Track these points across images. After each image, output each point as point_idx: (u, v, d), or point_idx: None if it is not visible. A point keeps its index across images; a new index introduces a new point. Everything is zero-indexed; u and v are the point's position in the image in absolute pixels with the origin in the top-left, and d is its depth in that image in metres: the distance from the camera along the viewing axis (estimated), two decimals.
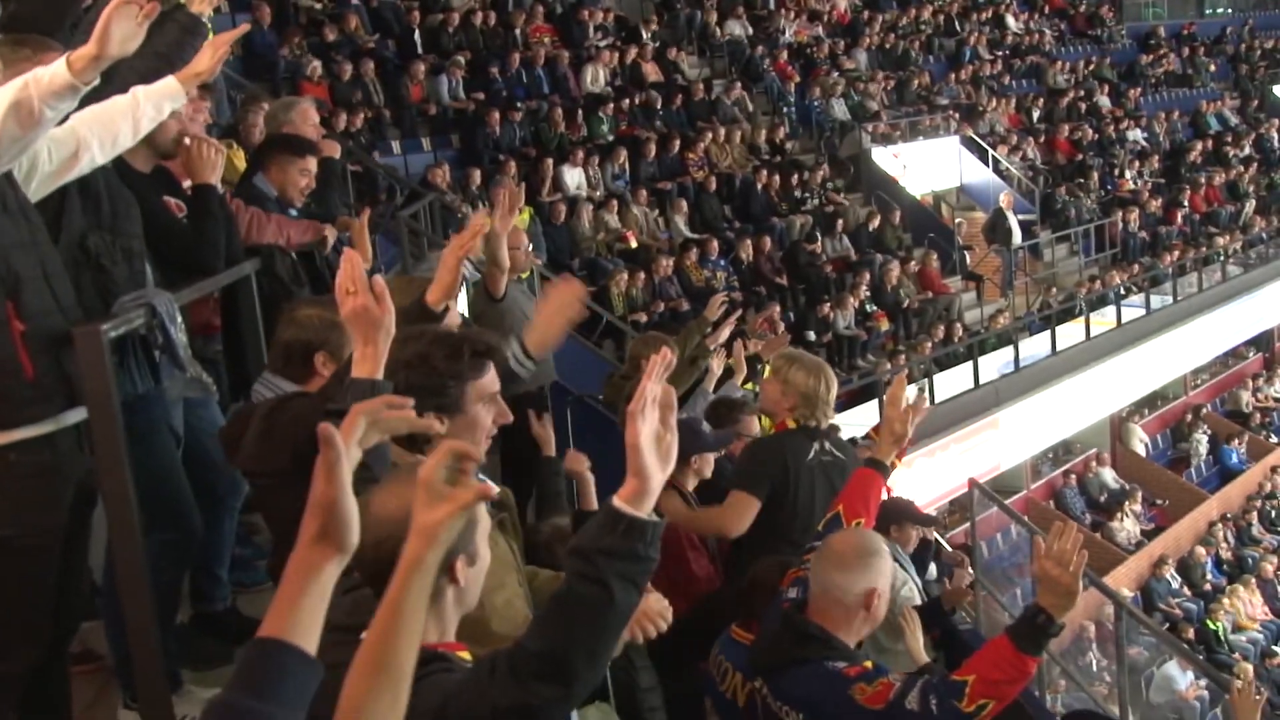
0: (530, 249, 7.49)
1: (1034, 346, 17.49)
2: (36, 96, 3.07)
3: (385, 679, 1.95)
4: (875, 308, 17.10)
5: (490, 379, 3.18)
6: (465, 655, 2.43)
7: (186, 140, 4.58)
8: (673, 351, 2.78)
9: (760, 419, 6.19)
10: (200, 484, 4.39)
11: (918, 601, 5.46)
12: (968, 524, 12.54)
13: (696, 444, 5.08)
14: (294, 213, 5.50)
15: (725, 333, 6.91)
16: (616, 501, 2.33)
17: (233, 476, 4.66)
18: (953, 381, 15.77)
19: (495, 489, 2.02)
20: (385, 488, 2.46)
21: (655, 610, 3.23)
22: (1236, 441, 21.94)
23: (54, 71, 3.10)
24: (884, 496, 4.73)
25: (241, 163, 6.03)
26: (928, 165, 21.35)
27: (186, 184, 4.76)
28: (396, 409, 2.34)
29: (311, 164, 5.61)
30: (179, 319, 3.96)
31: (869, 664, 3.71)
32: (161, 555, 3.86)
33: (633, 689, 4.02)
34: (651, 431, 2.36)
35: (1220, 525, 19.64)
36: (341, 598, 2.67)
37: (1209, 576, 18.42)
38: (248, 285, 4.89)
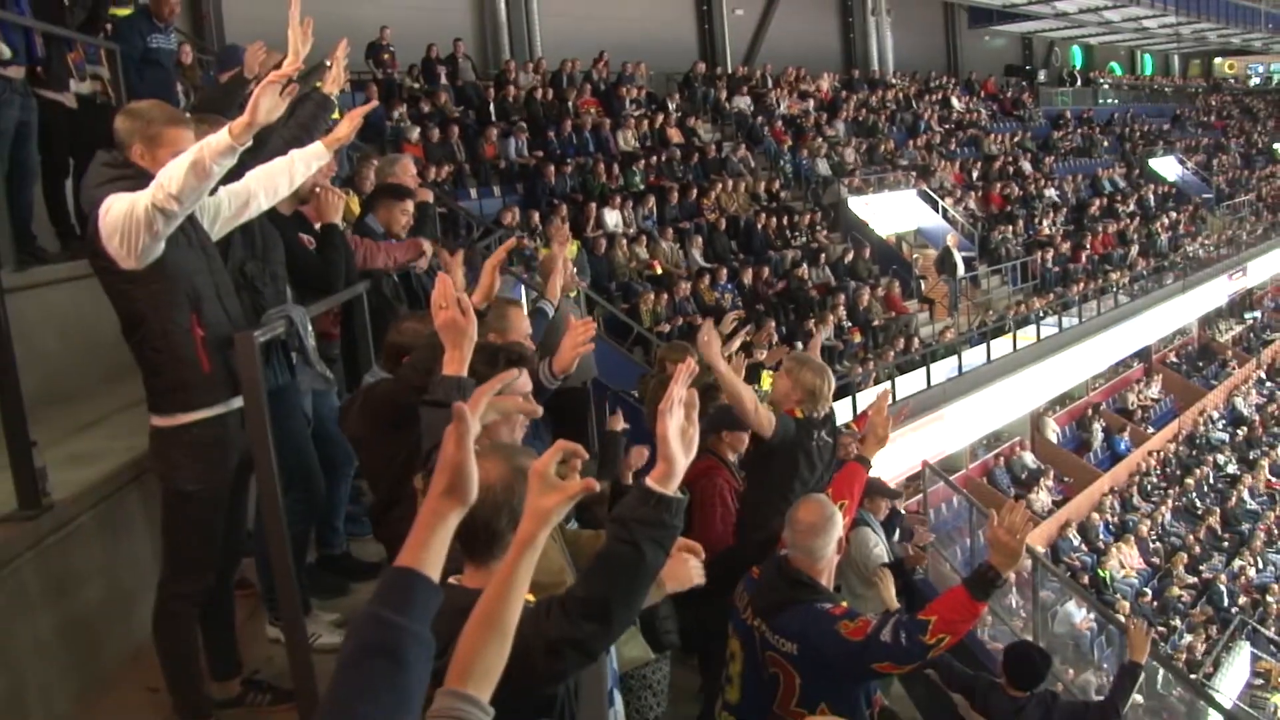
0: (575, 273, 7.48)
1: (973, 356, 17.42)
2: (208, 156, 3.17)
3: (496, 631, 1.96)
4: (850, 324, 17.00)
5: (523, 381, 3.18)
6: (530, 597, 2.43)
7: (318, 189, 4.64)
8: (694, 359, 2.78)
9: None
10: (323, 457, 4.44)
11: (887, 560, 5.44)
12: (919, 495, 12.52)
13: (732, 422, 5.07)
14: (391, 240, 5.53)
15: (736, 343, 6.84)
16: (649, 481, 2.33)
17: (347, 450, 4.70)
18: (910, 383, 15.74)
19: (597, 484, 2.03)
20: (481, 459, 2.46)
21: (685, 576, 3.20)
22: (1124, 432, 21.91)
23: (219, 136, 3.20)
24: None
25: (356, 207, 6.06)
26: (892, 212, 21.22)
27: (317, 224, 4.82)
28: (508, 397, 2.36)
29: (410, 206, 5.65)
30: (310, 328, 4.00)
31: (845, 604, 3.72)
32: (294, 510, 3.92)
33: (653, 615, 4.04)
34: (678, 425, 2.35)
35: (1110, 496, 19.68)
36: None
37: (1101, 536, 18.42)
38: (360, 301, 4.93)
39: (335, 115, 4.30)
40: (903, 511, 7.92)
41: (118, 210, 3.21)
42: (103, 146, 3.50)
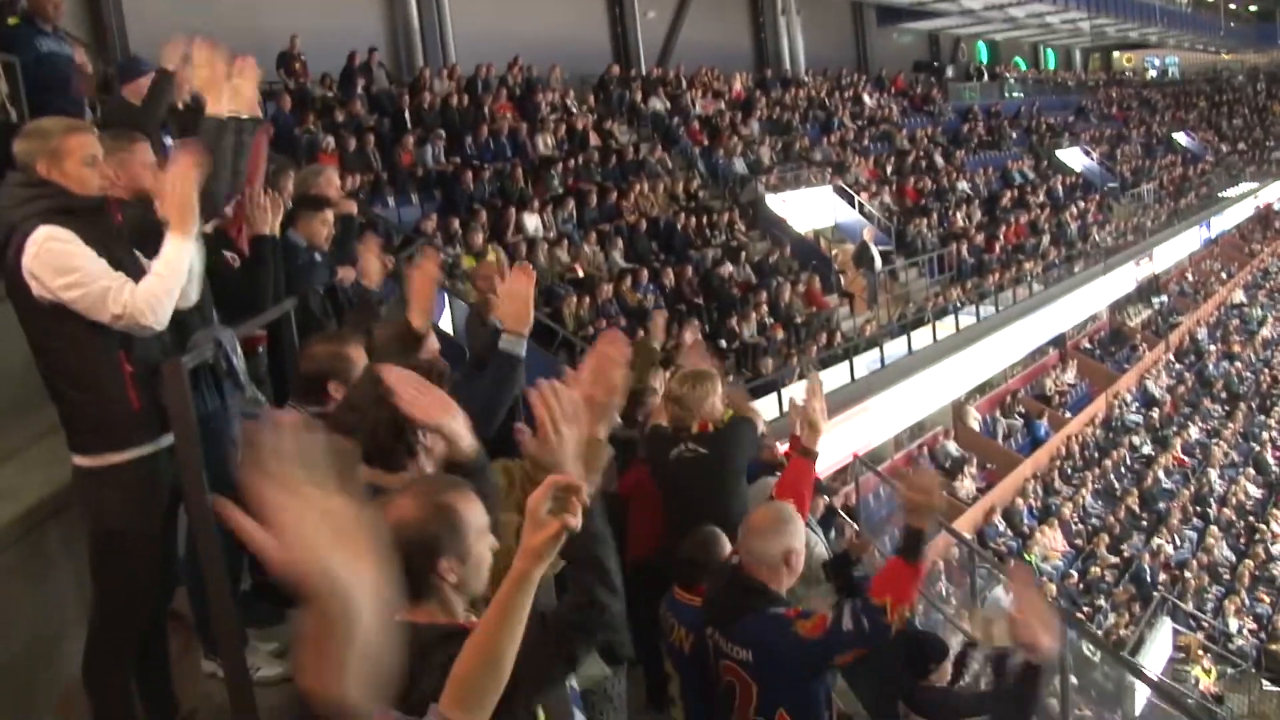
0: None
1: (894, 348, 17.62)
2: (176, 268, 3.28)
3: (492, 663, 1.98)
4: (772, 320, 17.08)
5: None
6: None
7: (241, 199, 4.44)
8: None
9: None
10: None
11: (827, 557, 5.39)
12: (848, 486, 12.61)
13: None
14: (319, 257, 5.35)
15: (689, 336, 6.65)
16: None
17: None
18: (833, 377, 15.82)
19: (577, 523, 2.02)
20: (400, 497, 2.36)
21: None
22: (1043, 418, 22.33)
23: (171, 245, 3.28)
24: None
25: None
26: (809, 208, 21.37)
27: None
28: None
29: (329, 215, 5.45)
30: (239, 350, 3.84)
31: (800, 606, 3.68)
32: (227, 539, 3.73)
33: None
34: (570, 449, 2.30)
35: (1032, 481, 20.03)
36: None
37: (1025, 521, 18.73)
38: (288, 319, 4.76)
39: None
40: (838, 510, 7.93)
41: (80, 272, 3.13)
42: (6, 162, 3.35)
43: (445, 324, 9.01)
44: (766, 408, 13.09)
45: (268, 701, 3.61)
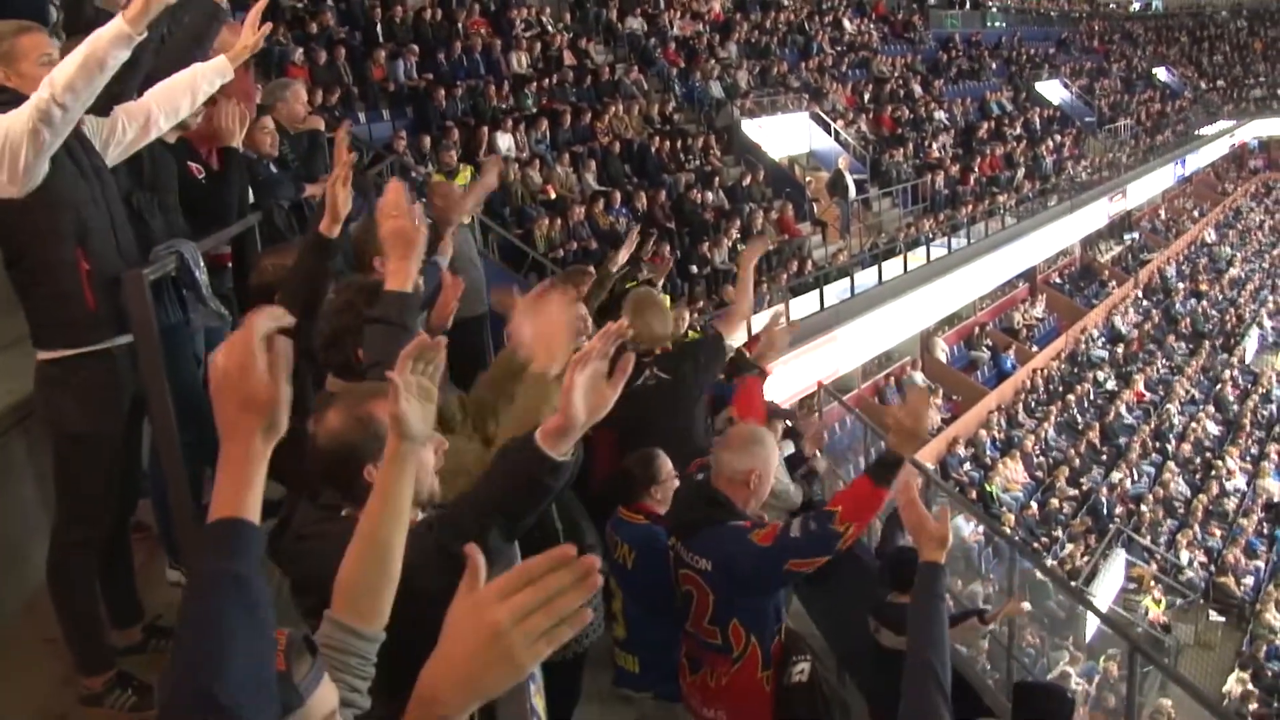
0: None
1: (865, 278, 17.63)
2: (100, 48, 2.98)
3: (373, 550, 1.94)
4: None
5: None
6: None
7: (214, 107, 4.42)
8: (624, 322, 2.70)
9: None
10: None
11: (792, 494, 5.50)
12: (813, 415, 12.75)
13: None
14: (272, 166, 5.31)
15: (625, 254, 6.56)
16: (539, 436, 2.33)
17: None
18: (803, 305, 15.89)
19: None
20: (328, 409, 2.46)
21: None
22: (1009, 350, 22.59)
23: (110, 25, 3.01)
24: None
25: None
26: (784, 135, 21.27)
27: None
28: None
29: (269, 123, 5.31)
30: (202, 264, 3.85)
31: (753, 520, 3.78)
32: (188, 451, 3.77)
33: (580, 538, 4.06)
34: (588, 381, 2.29)
35: (997, 414, 20.31)
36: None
37: (988, 452, 19.02)
38: (253, 233, 4.76)
39: None
40: (797, 430, 8.01)
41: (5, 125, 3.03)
42: None
43: None
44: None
45: None
